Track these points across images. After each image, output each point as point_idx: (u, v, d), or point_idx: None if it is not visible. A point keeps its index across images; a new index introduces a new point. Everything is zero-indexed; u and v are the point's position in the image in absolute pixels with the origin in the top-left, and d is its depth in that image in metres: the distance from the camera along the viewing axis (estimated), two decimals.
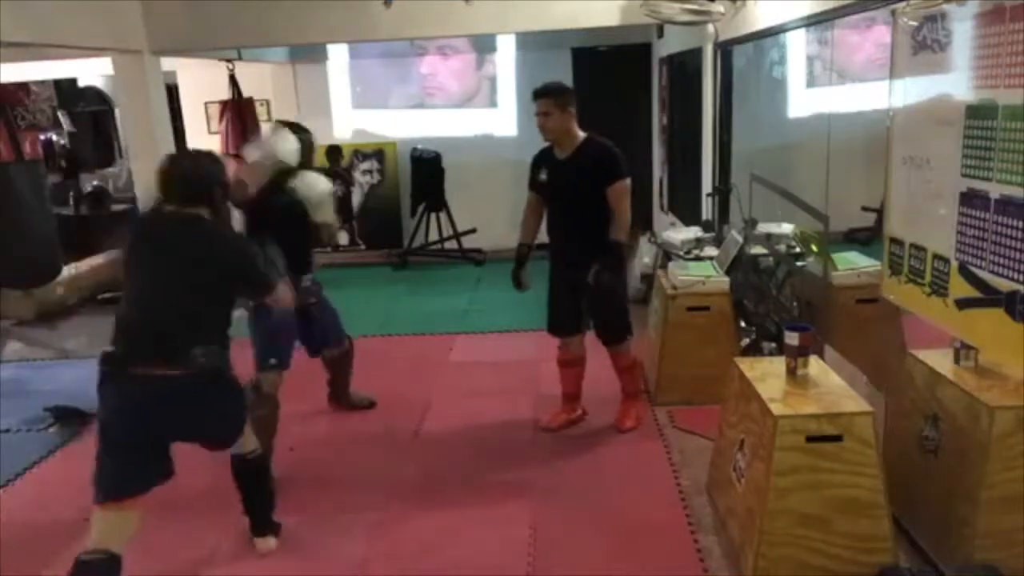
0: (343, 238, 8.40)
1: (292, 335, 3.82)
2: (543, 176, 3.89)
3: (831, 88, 3.97)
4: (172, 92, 7.34)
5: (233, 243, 2.87)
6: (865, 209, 3.75)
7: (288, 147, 3.78)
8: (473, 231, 8.18)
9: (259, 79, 8.08)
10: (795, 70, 4.84)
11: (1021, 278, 2.11)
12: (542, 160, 3.91)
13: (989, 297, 2.26)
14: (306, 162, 3.94)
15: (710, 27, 5.05)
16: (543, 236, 4.07)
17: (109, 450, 2.63)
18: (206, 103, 8.30)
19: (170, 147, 6.09)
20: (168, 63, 6.47)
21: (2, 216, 4.35)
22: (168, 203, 2.75)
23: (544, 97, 3.74)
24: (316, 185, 3.85)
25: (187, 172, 2.78)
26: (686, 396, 4.18)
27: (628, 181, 3.74)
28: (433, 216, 8.20)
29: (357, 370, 4.82)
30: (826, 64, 4.06)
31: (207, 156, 2.92)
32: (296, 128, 3.96)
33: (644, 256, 6.11)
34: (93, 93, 9.11)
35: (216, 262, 2.71)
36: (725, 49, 5.11)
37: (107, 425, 2.63)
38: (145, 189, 3.44)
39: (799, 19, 3.80)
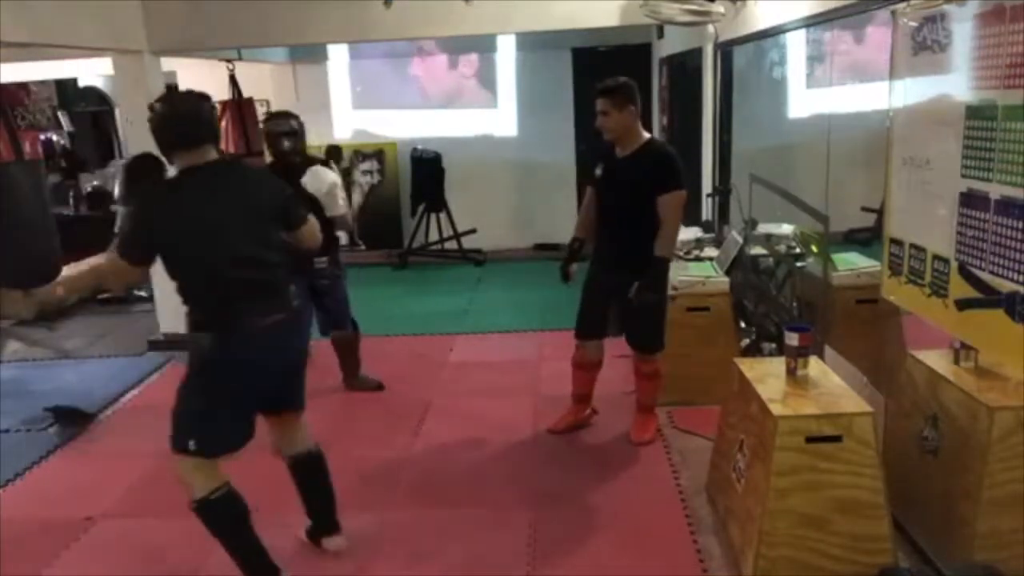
0: (341, 237, 8.41)
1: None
2: (599, 171, 3.80)
3: (831, 88, 3.97)
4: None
5: (271, 177, 2.97)
6: (865, 209, 3.75)
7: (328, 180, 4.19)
8: (473, 231, 8.18)
9: (259, 79, 8.07)
10: (795, 70, 4.84)
11: (1021, 279, 2.11)
12: (602, 155, 3.80)
13: (989, 298, 2.26)
14: (300, 147, 4.23)
15: (710, 27, 5.05)
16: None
17: (238, 406, 2.65)
18: None
19: None
20: (168, 63, 6.46)
21: (1, 216, 4.34)
22: (182, 149, 2.59)
23: (601, 96, 3.63)
24: (325, 178, 4.06)
25: (201, 111, 2.64)
26: (686, 396, 4.18)
27: (683, 193, 3.62)
28: (433, 216, 8.20)
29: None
30: (826, 64, 4.06)
31: (197, 94, 2.76)
32: (287, 115, 4.28)
33: None
34: (93, 93, 9.11)
35: (269, 199, 2.73)
36: (725, 49, 5.11)
37: (228, 381, 2.62)
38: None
39: (799, 19, 3.80)
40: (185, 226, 2.55)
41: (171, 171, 2.79)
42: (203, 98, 2.68)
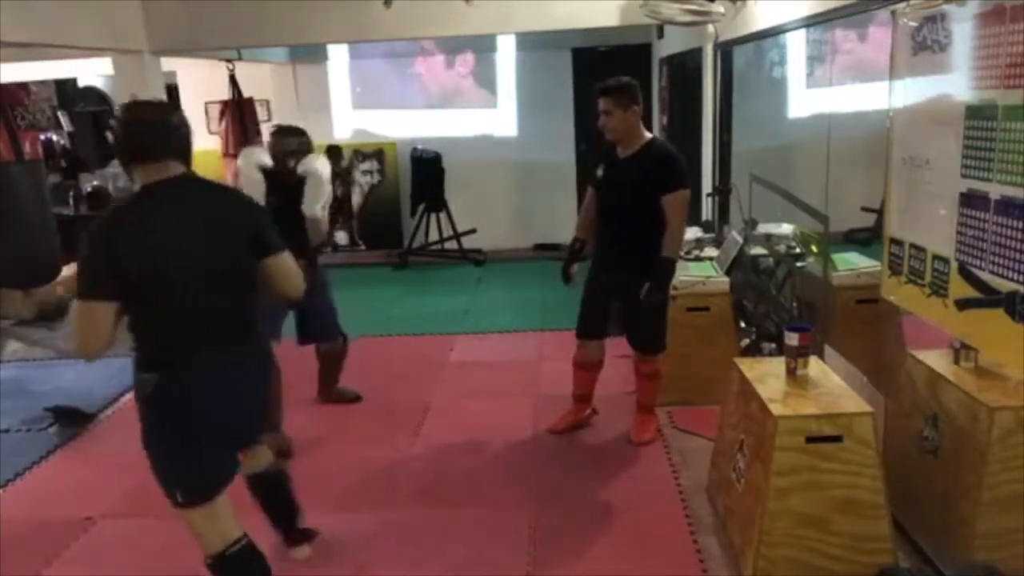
0: (341, 238, 8.41)
1: (273, 319, 3.76)
2: (599, 171, 3.77)
3: (831, 88, 3.97)
4: (172, 92, 7.35)
5: (246, 199, 2.64)
6: (865, 209, 3.74)
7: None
8: (473, 231, 8.18)
9: (259, 79, 8.08)
10: (795, 70, 4.83)
11: (1021, 278, 2.11)
12: (604, 156, 3.78)
13: (989, 298, 2.26)
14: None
15: (710, 27, 5.06)
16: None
17: (202, 444, 2.41)
18: (206, 103, 8.29)
19: None
20: (168, 63, 6.47)
21: (1, 216, 4.34)
22: (142, 162, 2.32)
23: (603, 95, 3.61)
24: (309, 161, 3.89)
25: (168, 123, 2.36)
26: (686, 396, 4.18)
27: (687, 192, 3.61)
28: (433, 216, 8.20)
29: (357, 370, 4.82)
30: (826, 64, 4.06)
31: (167, 104, 2.57)
32: (297, 132, 4.01)
33: None
34: (93, 93, 9.11)
35: (242, 222, 2.44)
36: (725, 49, 5.11)
37: (200, 416, 2.38)
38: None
39: (799, 19, 3.80)
40: (140, 249, 2.27)
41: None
42: (172, 109, 2.47)
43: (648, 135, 3.72)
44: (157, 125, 2.34)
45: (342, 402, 4.55)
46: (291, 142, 3.96)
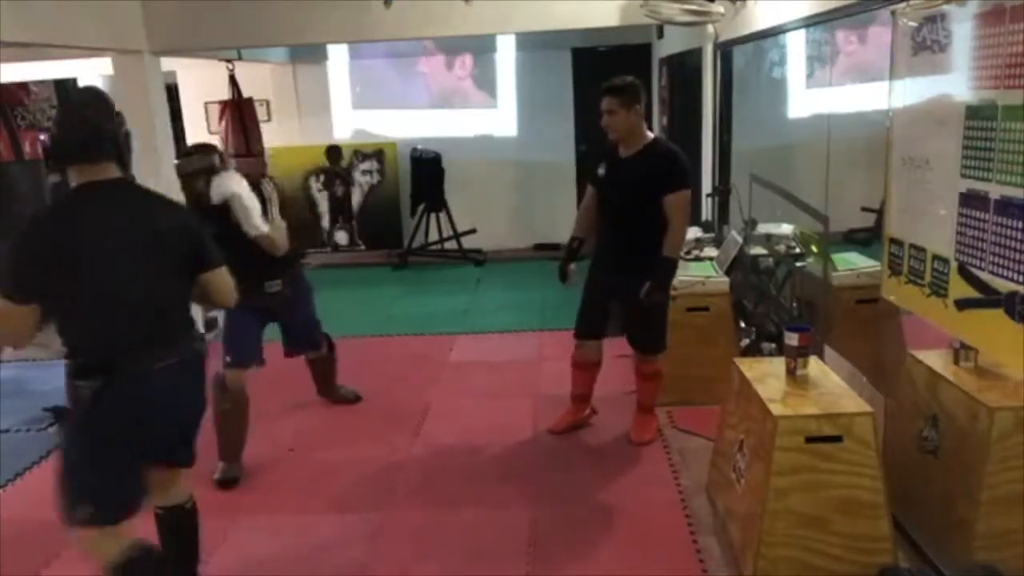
0: (341, 238, 8.41)
1: (250, 333, 3.77)
2: (601, 171, 3.74)
3: (831, 88, 3.96)
4: (172, 92, 7.34)
5: (184, 211, 2.54)
6: (865, 210, 3.74)
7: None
8: (473, 231, 8.18)
9: (259, 79, 8.08)
10: (795, 70, 4.83)
11: (1021, 279, 2.11)
12: (605, 155, 3.76)
13: (989, 298, 2.26)
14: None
15: (710, 27, 5.06)
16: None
17: (118, 462, 2.32)
18: (206, 103, 8.29)
19: (170, 147, 6.09)
20: (168, 63, 6.47)
21: (1, 215, 4.35)
22: (77, 162, 2.26)
23: (608, 95, 3.59)
24: (223, 185, 3.51)
25: (103, 122, 2.28)
26: (686, 396, 4.18)
27: (688, 192, 3.60)
28: (433, 216, 8.20)
29: (357, 370, 4.83)
30: (826, 64, 4.06)
31: (97, 98, 2.39)
32: (206, 149, 3.68)
33: None
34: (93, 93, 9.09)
35: (180, 229, 2.37)
36: (725, 49, 5.11)
37: (118, 433, 2.30)
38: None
39: (799, 19, 3.80)
40: (72, 251, 2.18)
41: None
42: (112, 111, 2.35)
43: (651, 135, 3.71)
44: (96, 126, 2.26)
45: (343, 403, 4.55)
46: (191, 162, 3.60)
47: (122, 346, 2.26)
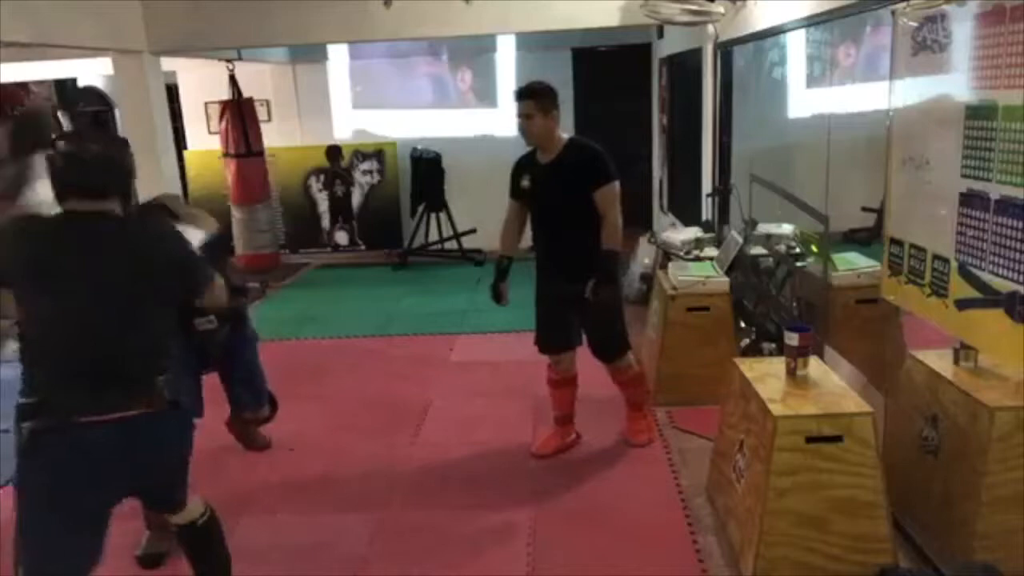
0: (341, 238, 8.40)
1: (190, 380, 3.20)
2: (525, 182, 3.65)
3: (831, 88, 3.97)
4: (172, 92, 7.35)
5: (169, 234, 2.35)
6: (865, 209, 3.75)
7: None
8: (473, 231, 8.18)
9: (259, 79, 8.09)
10: (795, 70, 4.84)
11: (1021, 279, 2.11)
12: (524, 165, 3.70)
13: (989, 298, 2.26)
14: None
15: (710, 27, 5.06)
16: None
17: (49, 525, 2.09)
18: (206, 103, 8.31)
19: (170, 147, 6.10)
20: (168, 63, 6.48)
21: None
22: (71, 198, 2.13)
23: (526, 99, 3.54)
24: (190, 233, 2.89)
25: (103, 158, 2.18)
26: (686, 396, 4.18)
27: (616, 184, 3.49)
28: (433, 216, 8.20)
29: (357, 369, 4.83)
30: (826, 64, 4.06)
31: (117, 139, 2.34)
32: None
33: (644, 257, 6.11)
34: (93, 93, 9.11)
35: (158, 263, 2.19)
36: (725, 49, 5.11)
37: (53, 493, 2.08)
38: (144, 191, 2.85)
39: (799, 19, 3.80)
40: (37, 266, 2.06)
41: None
42: (122, 146, 2.29)
43: (565, 136, 3.62)
44: (104, 163, 2.16)
45: (255, 448, 3.96)
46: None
47: (63, 387, 2.05)
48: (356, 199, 8.43)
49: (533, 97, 3.54)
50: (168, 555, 3.08)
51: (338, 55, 8.44)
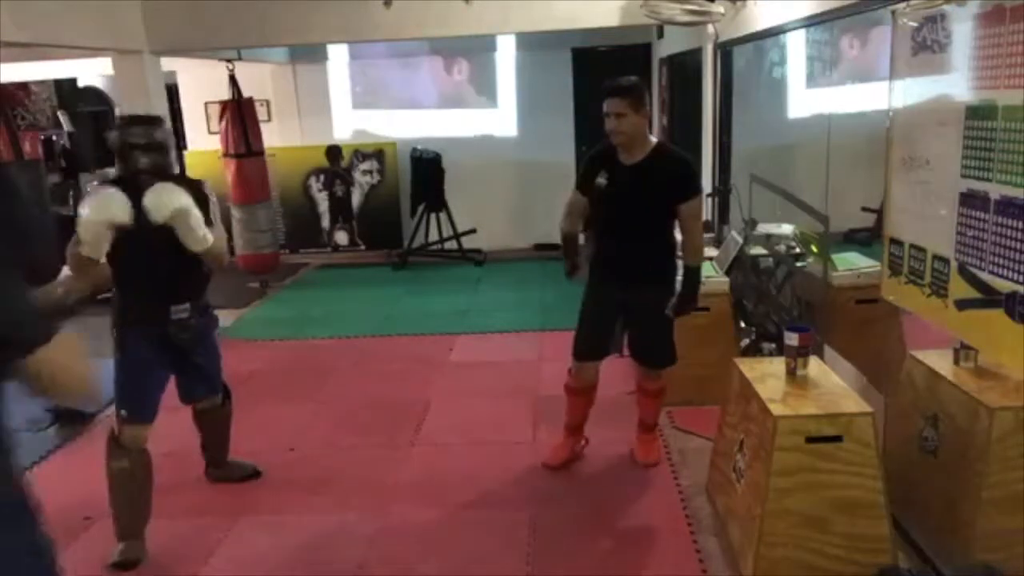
0: (341, 238, 8.41)
1: (149, 381, 3.13)
2: (602, 180, 3.38)
3: (831, 88, 3.97)
4: (172, 92, 7.36)
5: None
6: (865, 209, 3.75)
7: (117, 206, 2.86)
8: (473, 231, 8.19)
9: (259, 79, 8.09)
10: (795, 70, 4.84)
11: (1021, 279, 2.11)
12: (601, 161, 3.41)
13: (989, 298, 2.26)
14: (163, 165, 3.04)
15: (710, 27, 5.06)
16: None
17: None
18: (206, 103, 8.31)
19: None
20: (168, 63, 6.48)
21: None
22: None
23: (617, 96, 3.26)
24: (166, 203, 2.87)
25: None
26: (686, 396, 4.18)
27: (702, 198, 3.40)
28: (433, 216, 8.20)
29: (358, 370, 4.82)
30: (826, 64, 4.06)
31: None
32: (150, 121, 3.08)
33: None
34: (93, 93, 9.11)
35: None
36: (725, 49, 5.11)
37: None
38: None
39: (799, 19, 3.80)
40: None
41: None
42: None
43: (653, 139, 3.45)
44: None
45: (234, 480, 3.67)
46: (138, 133, 3.02)
47: None
48: (356, 199, 8.43)
49: (625, 94, 3.27)
50: (142, 561, 3.05)
51: (338, 55, 8.45)
